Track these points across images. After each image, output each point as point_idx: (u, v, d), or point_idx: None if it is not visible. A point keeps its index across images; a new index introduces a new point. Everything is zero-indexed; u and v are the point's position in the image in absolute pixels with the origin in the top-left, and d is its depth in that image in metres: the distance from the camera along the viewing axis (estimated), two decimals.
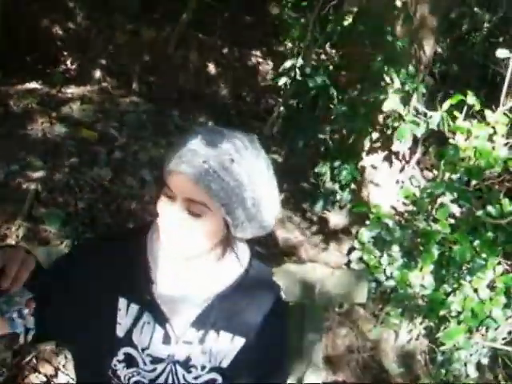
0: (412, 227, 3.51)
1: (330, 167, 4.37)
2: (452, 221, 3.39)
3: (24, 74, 4.69)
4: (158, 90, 5.06)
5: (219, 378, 1.52)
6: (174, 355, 1.49)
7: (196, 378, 1.51)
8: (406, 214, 4.35)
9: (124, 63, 5.20)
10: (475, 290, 3.27)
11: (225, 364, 1.52)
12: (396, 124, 4.25)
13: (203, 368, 1.50)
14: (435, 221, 3.43)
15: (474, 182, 3.42)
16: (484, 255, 3.22)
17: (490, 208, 3.19)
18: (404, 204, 4.62)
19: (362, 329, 3.72)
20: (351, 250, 4.06)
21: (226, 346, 1.51)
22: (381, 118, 4.49)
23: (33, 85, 4.69)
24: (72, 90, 4.77)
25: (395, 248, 3.48)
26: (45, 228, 3.32)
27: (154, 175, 3.99)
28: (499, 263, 3.29)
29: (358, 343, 3.63)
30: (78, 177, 3.73)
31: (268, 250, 3.84)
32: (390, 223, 3.62)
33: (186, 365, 1.50)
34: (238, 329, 1.52)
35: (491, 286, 3.30)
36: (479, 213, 3.18)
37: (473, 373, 3.52)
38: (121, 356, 1.46)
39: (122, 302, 1.46)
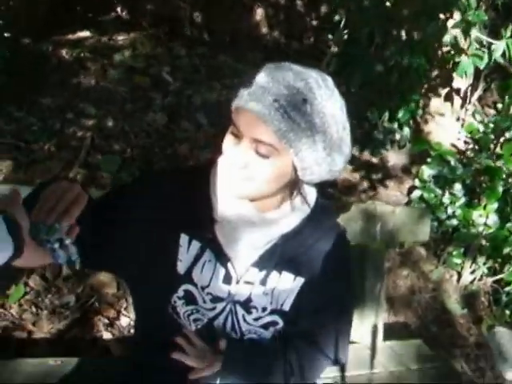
0: (475, 164, 3.38)
1: (388, 105, 4.24)
2: None
3: (75, 23, 4.66)
4: (210, 33, 4.97)
5: (280, 321, 1.49)
6: (235, 295, 1.46)
7: (256, 319, 1.48)
8: (468, 152, 4.20)
9: (175, 7, 5.11)
10: None
11: (286, 307, 1.49)
12: (457, 59, 4.07)
13: (264, 309, 1.47)
14: (499, 157, 3.30)
15: None
16: None
17: None
18: (465, 142, 4.47)
19: (423, 269, 3.65)
20: (412, 189, 3.96)
21: (288, 287, 1.48)
22: (440, 53, 4.30)
23: (84, 33, 4.67)
24: (123, 37, 4.73)
25: (457, 186, 3.37)
26: (101, 174, 3.34)
27: (209, 119, 3.95)
28: None
29: (419, 284, 3.57)
30: (132, 123, 3.72)
31: (326, 191, 3.78)
32: (452, 161, 3.50)
33: (247, 305, 1.47)
34: (301, 269, 1.48)
35: None
36: None
37: None
38: (181, 293, 1.44)
39: (184, 239, 1.43)
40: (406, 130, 4.23)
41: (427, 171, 3.57)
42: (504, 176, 3.10)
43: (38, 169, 3.25)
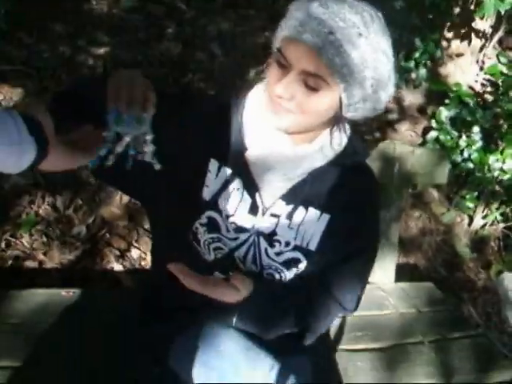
0: (495, 108, 3.30)
1: (406, 44, 4.12)
2: None
3: None
4: None
5: (303, 259, 1.47)
6: (259, 226, 1.44)
7: (278, 254, 1.46)
8: (487, 95, 4.12)
9: None
10: None
11: (312, 246, 1.47)
12: None
13: (287, 244, 1.46)
14: None
15: None
16: None
17: None
18: (482, 85, 4.38)
19: (435, 212, 3.63)
20: (427, 129, 3.89)
21: (314, 223, 1.46)
22: None
23: None
24: None
25: (475, 129, 3.31)
26: None
27: (224, 49, 3.86)
28: None
29: (430, 226, 3.55)
30: (145, 51, 3.63)
31: None
32: (471, 103, 3.43)
33: (270, 238, 1.45)
34: (327, 206, 1.46)
35: None
36: None
37: None
38: (204, 219, 1.42)
39: (214, 164, 1.41)
40: (423, 70, 4.12)
41: (444, 112, 3.50)
42: None
43: (49, 96, 3.19)
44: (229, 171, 1.41)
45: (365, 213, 1.53)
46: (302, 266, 1.48)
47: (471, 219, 3.64)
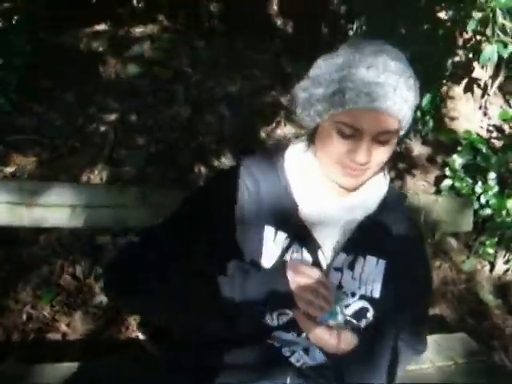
0: (509, 152, 3.30)
1: None
2: None
3: (91, 16, 4.58)
4: (227, 23, 4.89)
5: (370, 308, 1.48)
6: None
7: (347, 306, 1.46)
8: (495, 141, 4.13)
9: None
10: None
11: (376, 293, 1.48)
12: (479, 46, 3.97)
13: (353, 295, 1.46)
14: None
15: None
16: None
17: None
18: (488, 131, 4.40)
19: (455, 260, 3.58)
20: (439, 179, 3.88)
21: (373, 270, 1.47)
22: (461, 41, 4.21)
23: (101, 27, 4.59)
24: (141, 30, 4.65)
25: (491, 175, 3.29)
26: (127, 170, 3.27)
27: (232, 110, 3.88)
28: None
29: (452, 275, 3.50)
30: (155, 116, 3.65)
31: None
32: (484, 149, 3.42)
33: (337, 292, 1.44)
34: (382, 251, 1.49)
35: None
36: None
37: None
38: None
39: (269, 231, 1.40)
40: (429, 120, 4.14)
41: (458, 160, 3.49)
42: None
43: (62, 165, 3.19)
44: (285, 234, 1.40)
45: (417, 255, 1.60)
46: (370, 314, 1.48)
47: (492, 265, 3.59)
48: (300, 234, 1.41)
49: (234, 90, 4.06)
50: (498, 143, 4.09)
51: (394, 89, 1.22)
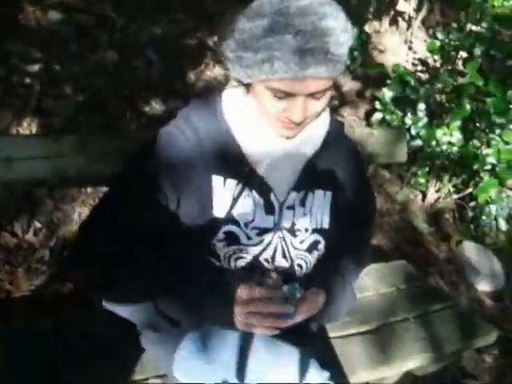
0: (438, 83, 3.37)
1: None
2: None
3: None
4: None
5: (321, 240, 1.53)
6: (281, 222, 1.47)
7: (301, 242, 1.51)
8: (420, 74, 4.22)
9: None
10: (506, 143, 3.20)
11: (325, 224, 1.54)
12: None
13: (306, 230, 1.50)
14: (461, 75, 3.31)
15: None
16: None
17: None
18: (413, 64, 4.48)
19: (389, 192, 3.68)
20: (369, 113, 3.94)
21: (321, 203, 1.52)
22: None
23: None
24: None
25: (421, 106, 3.36)
26: (57, 120, 3.18)
27: (159, 54, 3.79)
28: None
29: (387, 206, 3.60)
30: (81, 64, 3.53)
31: None
32: (412, 81, 3.49)
33: (292, 230, 1.49)
34: (328, 184, 1.54)
35: None
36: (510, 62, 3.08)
37: (503, 226, 3.52)
38: (221, 236, 1.41)
39: (217, 180, 1.41)
40: (357, 55, 4.17)
41: (388, 93, 3.54)
42: (472, 92, 3.10)
43: None
44: (235, 181, 1.41)
45: (360, 182, 1.66)
46: (322, 246, 1.54)
47: (424, 194, 3.71)
48: (249, 178, 1.42)
49: (159, 33, 3.96)
50: (423, 76, 4.18)
51: (326, 52, 1.20)
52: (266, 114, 1.34)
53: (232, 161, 1.41)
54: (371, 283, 2.40)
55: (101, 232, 1.40)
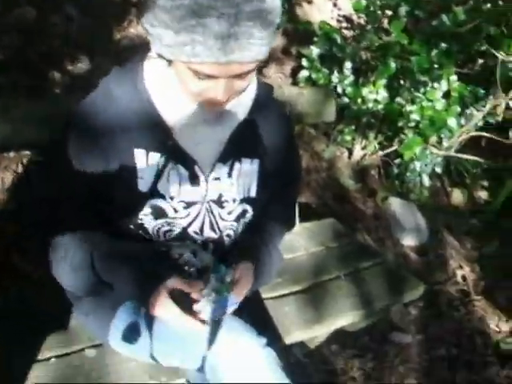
0: (364, 42, 3.39)
1: None
2: None
3: None
4: None
5: (249, 209, 1.53)
6: (207, 194, 1.46)
7: (230, 213, 1.51)
8: (346, 31, 4.22)
9: None
10: (430, 101, 3.26)
11: (253, 193, 1.53)
12: None
13: (234, 201, 1.50)
14: (386, 34, 3.34)
15: None
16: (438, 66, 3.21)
17: (444, 17, 3.12)
18: (338, 21, 4.48)
19: (316, 149, 3.70)
20: (295, 70, 3.93)
21: (248, 172, 1.51)
22: None
23: None
24: None
25: (347, 64, 3.38)
26: None
27: (80, 10, 3.65)
28: (454, 73, 3.26)
29: (314, 164, 3.63)
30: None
31: None
32: (338, 39, 3.49)
33: (219, 201, 1.48)
34: (255, 152, 1.53)
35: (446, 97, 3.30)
36: (434, 22, 3.12)
37: (427, 182, 3.62)
38: (147, 210, 1.40)
39: (139, 154, 1.37)
40: (283, 12, 4.13)
41: (315, 51, 3.53)
42: (397, 51, 3.13)
43: None
44: (159, 154, 1.38)
45: (287, 144, 1.64)
46: (249, 215, 1.54)
47: (350, 152, 3.76)
48: (173, 151, 1.39)
49: None
50: (348, 33, 4.18)
51: (249, 37, 1.15)
52: (187, 90, 1.29)
53: (154, 133, 1.37)
54: (301, 243, 2.43)
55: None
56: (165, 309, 1.32)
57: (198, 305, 1.34)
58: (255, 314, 1.66)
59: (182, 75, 1.26)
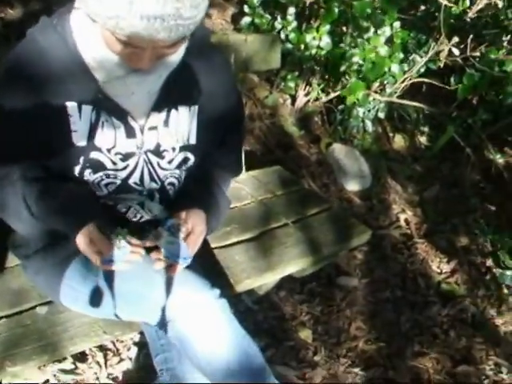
0: None
1: None
2: None
3: None
4: None
5: (191, 156, 1.52)
6: (143, 145, 1.44)
7: (170, 162, 1.49)
8: None
9: None
10: (374, 48, 3.26)
11: (193, 140, 1.52)
12: None
13: (174, 149, 1.49)
14: None
15: None
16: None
17: None
18: None
19: (258, 97, 3.67)
20: (236, 16, 3.86)
21: (187, 119, 1.49)
22: None
23: None
24: None
25: (291, 10, 3.33)
26: None
27: None
28: (397, 19, 3.25)
29: (257, 111, 3.60)
30: None
31: None
32: None
33: (158, 151, 1.47)
34: (193, 98, 1.50)
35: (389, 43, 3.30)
36: None
37: (370, 127, 3.65)
38: (84, 163, 1.38)
39: (72, 107, 1.34)
40: None
41: None
42: None
43: None
44: (91, 107, 1.35)
45: (228, 90, 1.61)
46: (191, 162, 1.53)
47: (294, 98, 3.74)
48: (104, 103, 1.36)
49: None
50: None
51: (177, 18, 1.12)
52: (114, 52, 1.25)
53: (84, 86, 1.33)
54: (248, 191, 2.43)
55: None
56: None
57: (152, 254, 1.38)
58: (207, 265, 1.67)
59: (106, 37, 1.21)
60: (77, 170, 1.38)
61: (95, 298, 1.48)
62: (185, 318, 1.42)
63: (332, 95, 3.62)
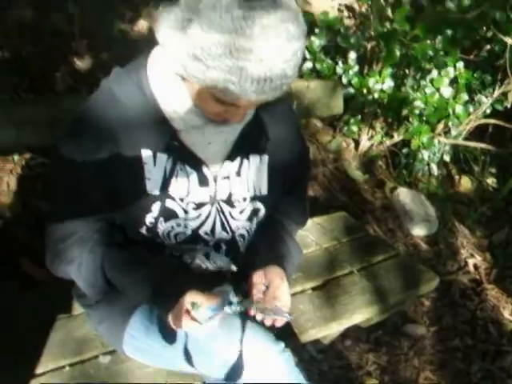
0: (368, 31, 3.34)
1: None
2: None
3: None
4: None
5: (261, 207, 1.52)
6: (216, 194, 1.45)
7: (241, 212, 1.49)
8: (346, 20, 4.16)
9: None
10: (437, 90, 3.23)
11: (264, 190, 1.52)
12: None
13: (245, 199, 1.49)
14: (390, 23, 3.28)
15: None
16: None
17: (449, 3, 3.07)
18: (339, 11, 4.42)
19: (322, 141, 3.67)
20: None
21: (258, 168, 1.50)
22: None
23: None
24: None
25: (352, 54, 3.33)
26: None
27: (81, 6, 3.60)
28: (460, 60, 3.22)
29: (320, 156, 3.59)
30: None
31: None
32: (341, 29, 3.44)
33: (229, 201, 1.47)
34: (264, 148, 1.51)
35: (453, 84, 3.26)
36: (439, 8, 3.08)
37: (435, 171, 3.59)
38: (156, 212, 1.38)
39: (147, 154, 1.35)
40: None
41: (316, 42, 3.47)
42: (400, 38, 3.08)
43: None
44: (166, 155, 1.36)
45: (294, 138, 1.62)
46: (262, 213, 1.53)
47: (357, 143, 3.72)
48: (180, 152, 1.37)
49: None
50: (349, 22, 4.12)
51: (283, 78, 1.15)
52: (202, 107, 1.28)
53: (160, 134, 1.35)
54: (313, 238, 2.41)
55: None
56: (187, 324, 1.27)
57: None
58: None
59: (199, 96, 1.24)
60: (149, 218, 1.39)
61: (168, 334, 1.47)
62: (249, 372, 1.39)
63: (396, 139, 3.58)
